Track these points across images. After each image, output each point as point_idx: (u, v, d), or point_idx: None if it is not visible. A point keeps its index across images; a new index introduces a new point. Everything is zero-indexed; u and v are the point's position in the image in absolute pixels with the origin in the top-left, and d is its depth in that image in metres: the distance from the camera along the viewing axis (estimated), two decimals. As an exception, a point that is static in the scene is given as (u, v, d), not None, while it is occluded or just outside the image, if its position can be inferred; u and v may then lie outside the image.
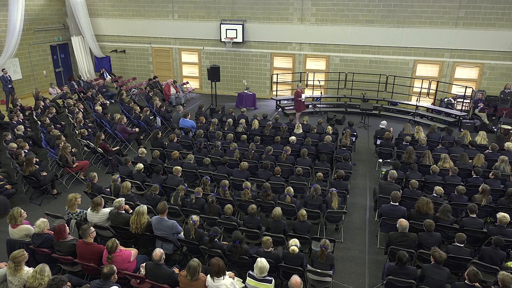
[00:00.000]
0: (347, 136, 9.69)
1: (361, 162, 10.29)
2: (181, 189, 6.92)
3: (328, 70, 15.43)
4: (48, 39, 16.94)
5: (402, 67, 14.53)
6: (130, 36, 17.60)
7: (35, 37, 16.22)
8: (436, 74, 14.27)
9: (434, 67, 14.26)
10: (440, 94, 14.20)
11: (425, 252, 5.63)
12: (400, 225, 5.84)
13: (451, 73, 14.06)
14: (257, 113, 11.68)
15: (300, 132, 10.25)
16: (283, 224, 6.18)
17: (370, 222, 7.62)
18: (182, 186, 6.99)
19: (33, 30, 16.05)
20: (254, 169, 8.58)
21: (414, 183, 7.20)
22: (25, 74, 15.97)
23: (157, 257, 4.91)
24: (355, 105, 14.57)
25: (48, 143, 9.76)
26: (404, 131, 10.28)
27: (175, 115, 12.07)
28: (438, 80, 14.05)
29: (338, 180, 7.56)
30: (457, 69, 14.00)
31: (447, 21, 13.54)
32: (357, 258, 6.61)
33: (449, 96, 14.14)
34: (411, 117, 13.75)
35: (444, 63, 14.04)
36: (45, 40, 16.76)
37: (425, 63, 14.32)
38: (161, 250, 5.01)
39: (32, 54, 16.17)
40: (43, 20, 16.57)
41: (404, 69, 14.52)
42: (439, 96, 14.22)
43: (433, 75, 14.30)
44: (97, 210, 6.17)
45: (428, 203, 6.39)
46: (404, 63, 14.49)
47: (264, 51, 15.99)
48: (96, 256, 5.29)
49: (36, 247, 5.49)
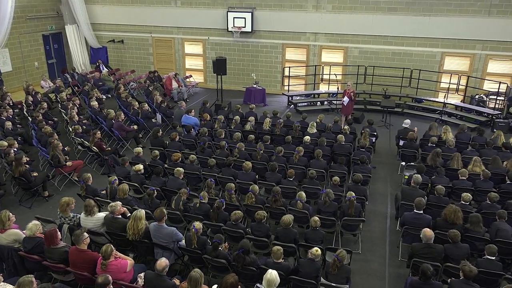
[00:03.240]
0: (366, 136, 9.65)
1: (382, 165, 10.24)
2: (183, 193, 6.95)
3: (345, 63, 15.35)
4: (40, 28, 17.14)
5: (428, 60, 14.41)
6: (128, 25, 17.71)
7: (26, 25, 16.42)
8: (467, 68, 14.12)
9: (464, 60, 14.11)
10: (471, 91, 14.03)
11: (452, 265, 5.58)
12: (425, 236, 5.80)
13: (483, 67, 13.90)
14: (267, 110, 11.69)
15: (314, 131, 10.22)
16: (293, 232, 6.18)
17: (391, 232, 7.58)
18: (185, 190, 7.02)
19: (24, 18, 16.24)
20: (263, 171, 8.60)
21: (441, 189, 7.15)
22: (16, 66, 16.17)
23: (161, 267, 4.91)
24: (375, 102, 14.49)
25: (40, 141, 9.88)
26: (430, 131, 10.22)
27: (177, 112, 12.12)
28: (469, 75, 13.90)
29: (355, 185, 7.53)
30: (490, 63, 13.83)
31: (479, 9, 13.38)
32: (376, 271, 6.57)
33: (480, 92, 13.98)
34: (438, 115, 13.63)
35: (476, 56, 13.88)
36: (37, 29, 16.96)
37: (454, 55, 14.17)
38: (166, 261, 5.02)
39: (23, 44, 16.38)
40: (35, 8, 16.76)
41: (430, 62, 14.39)
42: (469, 92, 14.06)
43: (463, 69, 14.14)
44: (91, 215, 6.23)
45: (456, 212, 6.33)
46: (430, 55, 14.37)
47: (275, 42, 15.97)
48: (90, 264, 5.32)
49: (27, 252, 5.56)
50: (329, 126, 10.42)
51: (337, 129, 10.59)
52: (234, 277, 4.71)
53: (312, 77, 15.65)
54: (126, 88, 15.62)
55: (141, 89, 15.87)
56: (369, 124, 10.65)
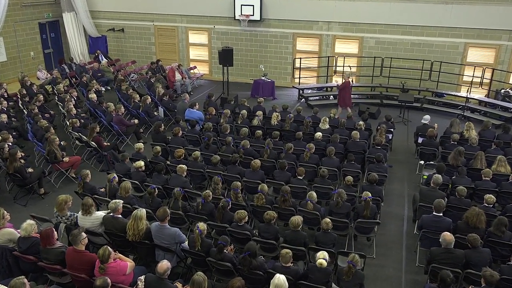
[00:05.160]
0: (382, 133, 9.61)
1: (399, 164, 10.21)
2: (178, 195, 6.87)
3: (361, 54, 15.30)
4: (37, 15, 17.25)
5: (450, 51, 14.30)
6: (129, 12, 17.77)
7: (21, 13, 16.55)
8: (492, 60, 14.02)
9: (489, 52, 14.01)
10: (496, 85, 13.92)
11: (474, 272, 5.55)
12: (444, 240, 5.78)
13: (509, 59, 13.78)
14: (276, 104, 11.68)
15: (327, 127, 10.21)
16: (302, 235, 6.18)
17: (408, 235, 7.56)
18: (178, 191, 6.89)
19: (19, 5, 16.36)
20: (271, 169, 8.59)
21: (462, 190, 7.10)
22: (10, 55, 16.31)
23: (162, 270, 4.94)
24: (392, 96, 14.43)
25: (35, 135, 9.97)
26: (451, 128, 10.16)
27: (180, 105, 12.16)
28: (494, 68, 13.79)
29: (370, 185, 7.51)
30: (517, 55, 13.72)
31: (506, -4, 13.26)
32: (391, 277, 6.56)
33: (506, 86, 13.86)
34: (460, 111, 13.54)
35: (502, 47, 13.75)
36: (33, 17, 17.07)
37: (478, 47, 14.06)
38: (168, 263, 5.05)
39: (18, 32, 16.51)
40: (31, -6, 16.89)
41: (452, 54, 14.29)
42: (494, 86, 13.95)
43: (487, 62, 14.05)
44: (89, 214, 6.27)
45: (479, 215, 6.29)
46: (452, 46, 14.25)
47: (285, 31, 15.94)
48: (87, 266, 5.36)
49: (22, 253, 5.62)
50: (343, 122, 10.38)
51: (351, 125, 10.55)
52: (240, 281, 4.72)
53: (324, 69, 15.59)
54: (127, 79, 15.70)
55: (142, 81, 15.93)
56: (385, 120, 10.60)
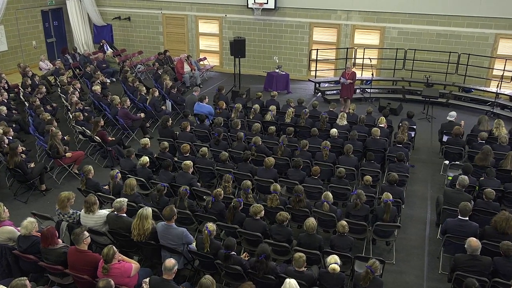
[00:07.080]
0: (404, 130, 9.55)
1: (421, 163, 10.17)
2: (183, 195, 6.90)
3: (382, 46, 15.22)
4: (39, 2, 17.46)
5: (479, 43, 14.16)
6: (136, 0, 17.88)
7: (23, 0, 16.73)
8: (525, 52, 13.84)
9: (522, 43, 13.83)
10: (529, 79, 13.74)
11: (502, 281, 5.50)
12: (470, 246, 5.75)
13: (544, 51, 13.60)
14: (291, 98, 11.66)
15: (345, 123, 10.17)
16: (318, 238, 6.18)
17: (431, 240, 7.53)
18: (184, 191, 6.91)
19: (21, -9, 16.59)
20: (284, 168, 8.58)
21: (490, 193, 7.03)
22: (11, 44, 16.55)
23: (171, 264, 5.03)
24: (415, 90, 14.35)
25: (37, 128, 10.09)
26: (479, 126, 10.08)
27: (189, 98, 12.21)
28: (527, 61, 13.60)
29: (390, 186, 7.49)
30: (553, 47, 13.54)
31: (541, -17, 13.06)
32: (412, 284, 6.54)
33: (540, 81, 13.67)
34: (489, 107, 13.41)
35: (536, 39, 13.58)
36: (35, 4, 17.28)
37: (510, 38, 13.88)
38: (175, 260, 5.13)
39: (20, 20, 16.72)
40: (34, -20, 17.09)
41: (482, 45, 14.15)
42: (527, 81, 13.77)
43: (520, 54, 13.88)
44: (92, 212, 6.34)
45: (509, 220, 6.23)
46: (482, 38, 14.10)
47: (301, 21, 15.89)
48: (90, 266, 5.42)
49: (22, 252, 5.70)
50: (362, 118, 10.32)
51: (371, 121, 10.50)
52: (251, 285, 4.74)
53: (342, 62, 15.49)
54: (133, 71, 15.80)
55: (149, 72, 16.03)
56: (408, 117, 10.55)
